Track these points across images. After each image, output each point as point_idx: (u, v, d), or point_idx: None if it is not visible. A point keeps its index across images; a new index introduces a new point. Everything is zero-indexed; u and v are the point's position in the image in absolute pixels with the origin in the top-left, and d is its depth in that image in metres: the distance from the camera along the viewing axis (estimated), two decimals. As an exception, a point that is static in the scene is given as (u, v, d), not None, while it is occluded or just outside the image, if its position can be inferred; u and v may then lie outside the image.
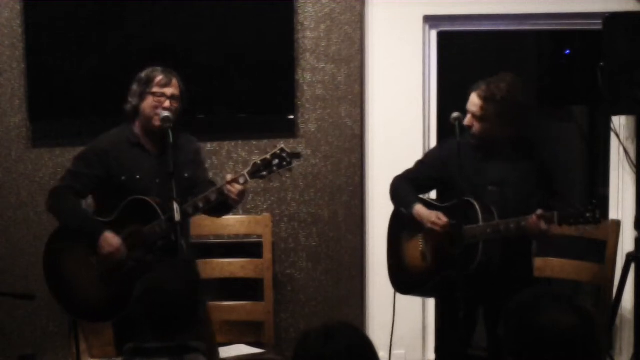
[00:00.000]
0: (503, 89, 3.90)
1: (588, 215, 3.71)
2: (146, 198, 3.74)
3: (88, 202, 4.06)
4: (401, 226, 4.14)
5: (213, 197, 3.70)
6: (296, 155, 3.73)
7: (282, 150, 3.67)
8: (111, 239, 3.74)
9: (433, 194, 4.52)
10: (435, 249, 3.99)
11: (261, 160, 3.67)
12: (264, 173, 3.67)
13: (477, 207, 3.86)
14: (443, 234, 3.92)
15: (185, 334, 2.78)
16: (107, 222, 3.81)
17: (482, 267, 3.83)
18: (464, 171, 3.90)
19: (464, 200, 3.90)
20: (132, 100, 3.84)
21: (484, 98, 3.90)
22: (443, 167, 4.05)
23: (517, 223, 3.80)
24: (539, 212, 3.76)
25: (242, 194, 3.69)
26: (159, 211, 3.71)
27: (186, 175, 3.84)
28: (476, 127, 3.92)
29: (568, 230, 3.94)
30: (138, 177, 3.81)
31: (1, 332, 4.80)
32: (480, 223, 3.84)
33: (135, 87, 3.85)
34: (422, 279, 4.08)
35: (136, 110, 3.84)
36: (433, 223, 3.94)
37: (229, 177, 3.70)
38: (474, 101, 3.92)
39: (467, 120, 3.93)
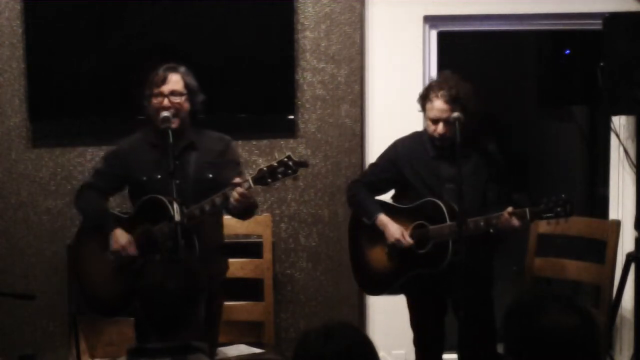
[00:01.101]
0: (459, 87, 3.96)
1: (559, 209, 3.74)
2: (161, 197, 3.76)
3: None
4: (364, 228, 4.17)
5: (218, 201, 3.71)
6: (303, 164, 3.72)
7: (289, 157, 3.66)
8: (119, 237, 3.82)
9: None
10: (401, 249, 4.01)
11: (267, 167, 3.66)
12: (269, 180, 3.66)
13: (443, 207, 3.90)
14: (410, 234, 3.98)
15: (185, 333, 2.78)
16: (126, 219, 3.90)
17: (452, 265, 3.87)
18: (418, 171, 4.00)
19: (429, 201, 3.95)
20: (146, 104, 3.89)
21: (449, 101, 3.92)
22: (396, 168, 4.11)
23: (487, 221, 3.85)
24: (510, 209, 3.80)
25: (243, 199, 3.68)
26: (171, 211, 3.72)
27: (209, 176, 3.85)
28: (446, 131, 3.93)
29: (566, 229, 3.96)
30: (158, 177, 3.84)
31: (1, 332, 4.80)
32: (448, 222, 3.88)
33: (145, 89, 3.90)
34: (390, 279, 4.11)
35: (150, 113, 3.88)
36: (397, 240, 3.99)
37: (236, 180, 3.70)
38: (440, 107, 3.93)
39: (440, 129, 3.93)
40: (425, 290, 4.08)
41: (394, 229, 4.01)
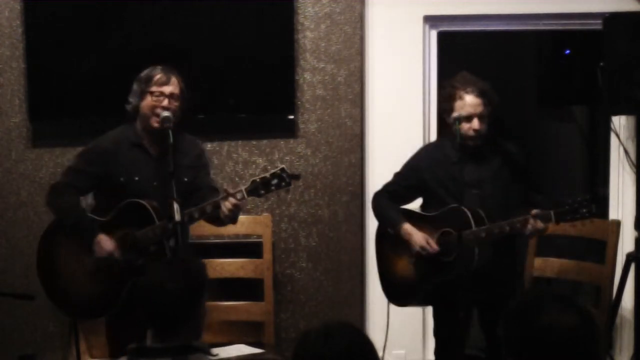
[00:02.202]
0: (482, 82, 3.93)
1: (584, 210, 3.71)
2: (143, 202, 3.74)
3: (88, 202, 4.07)
4: (389, 238, 4.14)
5: (209, 209, 3.69)
6: (296, 177, 3.72)
7: (282, 170, 3.66)
8: (105, 243, 3.75)
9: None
10: (427, 257, 3.98)
11: (260, 179, 3.66)
12: (262, 192, 3.66)
13: (468, 213, 3.85)
14: (436, 242, 3.93)
15: (186, 334, 2.78)
16: (103, 222, 3.82)
17: (478, 271, 3.83)
18: (441, 178, 3.94)
19: (455, 207, 3.91)
20: (132, 100, 3.84)
21: (480, 95, 3.89)
22: (418, 175, 4.07)
23: (511, 224, 3.81)
24: (534, 212, 3.77)
25: (236, 209, 3.68)
26: (154, 216, 3.71)
27: (185, 179, 3.82)
28: (482, 127, 3.90)
29: (566, 229, 3.95)
30: (137, 178, 3.81)
31: (1, 332, 4.80)
32: (474, 228, 3.84)
33: (135, 86, 3.84)
34: (416, 288, 4.07)
35: (136, 110, 3.84)
36: (422, 248, 3.96)
37: (228, 190, 3.69)
38: (473, 102, 3.89)
39: (476, 124, 3.88)
40: (451, 300, 3.99)
41: (418, 237, 3.96)
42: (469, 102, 3.90)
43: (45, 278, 3.95)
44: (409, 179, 4.12)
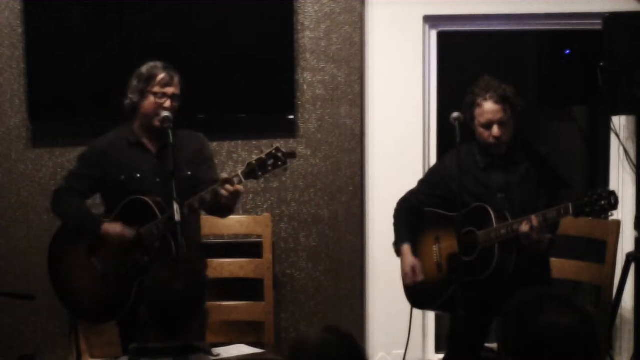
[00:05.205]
0: (504, 86, 3.88)
1: (604, 203, 3.60)
2: (144, 198, 3.74)
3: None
4: (414, 241, 4.10)
5: (207, 197, 3.67)
6: (291, 155, 3.70)
7: (277, 149, 3.65)
8: (112, 228, 3.75)
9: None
10: (449, 258, 3.93)
11: (256, 160, 3.65)
12: (259, 173, 3.65)
13: (491, 211, 3.80)
14: (458, 242, 3.81)
15: (190, 334, 2.78)
16: (107, 222, 3.82)
17: (498, 272, 3.77)
18: (467, 185, 3.84)
19: (478, 206, 3.85)
20: (133, 97, 3.82)
21: (499, 101, 3.83)
22: (446, 182, 4.00)
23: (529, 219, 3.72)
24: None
25: (235, 195, 3.66)
26: (157, 211, 3.71)
27: (188, 173, 3.82)
28: (504, 134, 3.86)
29: (567, 229, 3.93)
30: (138, 176, 3.81)
31: (1, 332, 4.80)
32: (495, 225, 3.79)
33: (135, 83, 3.82)
34: (438, 290, 3.99)
35: (135, 108, 3.83)
36: (405, 275, 3.98)
37: (224, 176, 3.68)
38: (493, 108, 3.83)
39: (496, 131, 3.82)
40: (473, 308, 3.83)
41: (406, 264, 3.97)
42: (487, 109, 3.83)
43: (57, 285, 3.98)
44: (435, 187, 4.07)
